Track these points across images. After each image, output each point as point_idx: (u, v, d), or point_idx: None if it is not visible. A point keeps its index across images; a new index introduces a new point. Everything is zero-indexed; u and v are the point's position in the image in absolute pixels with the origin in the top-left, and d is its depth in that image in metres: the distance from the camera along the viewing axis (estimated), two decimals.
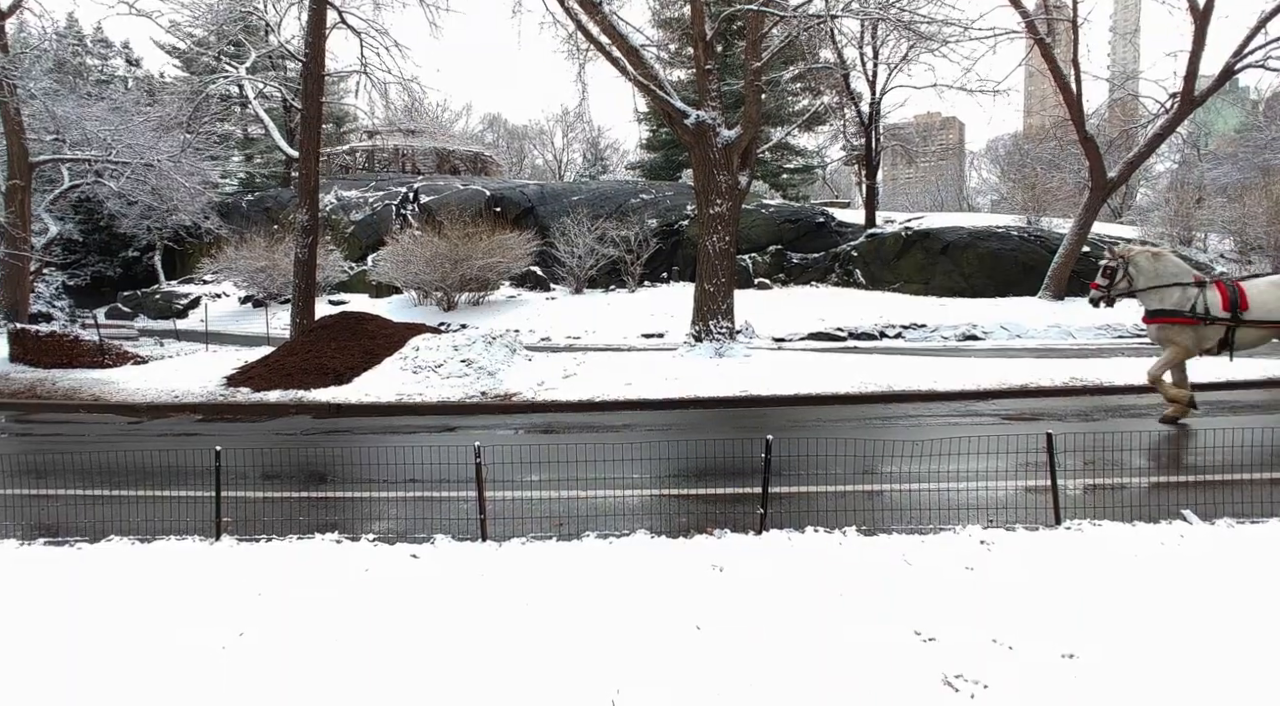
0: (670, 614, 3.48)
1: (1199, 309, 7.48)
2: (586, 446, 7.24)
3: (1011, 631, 3.21)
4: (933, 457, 6.94)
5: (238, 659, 3.15)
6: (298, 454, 7.88)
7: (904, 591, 3.66)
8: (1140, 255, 7.91)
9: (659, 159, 42.42)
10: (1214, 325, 7.45)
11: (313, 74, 15.54)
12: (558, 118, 61.06)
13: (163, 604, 3.71)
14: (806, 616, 3.43)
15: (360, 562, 4.18)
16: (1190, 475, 6.07)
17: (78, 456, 8.01)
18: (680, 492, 5.84)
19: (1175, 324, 7.59)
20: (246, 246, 24.47)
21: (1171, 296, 7.61)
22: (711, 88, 13.03)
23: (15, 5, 18.04)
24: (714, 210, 12.85)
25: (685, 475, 6.58)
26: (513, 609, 3.57)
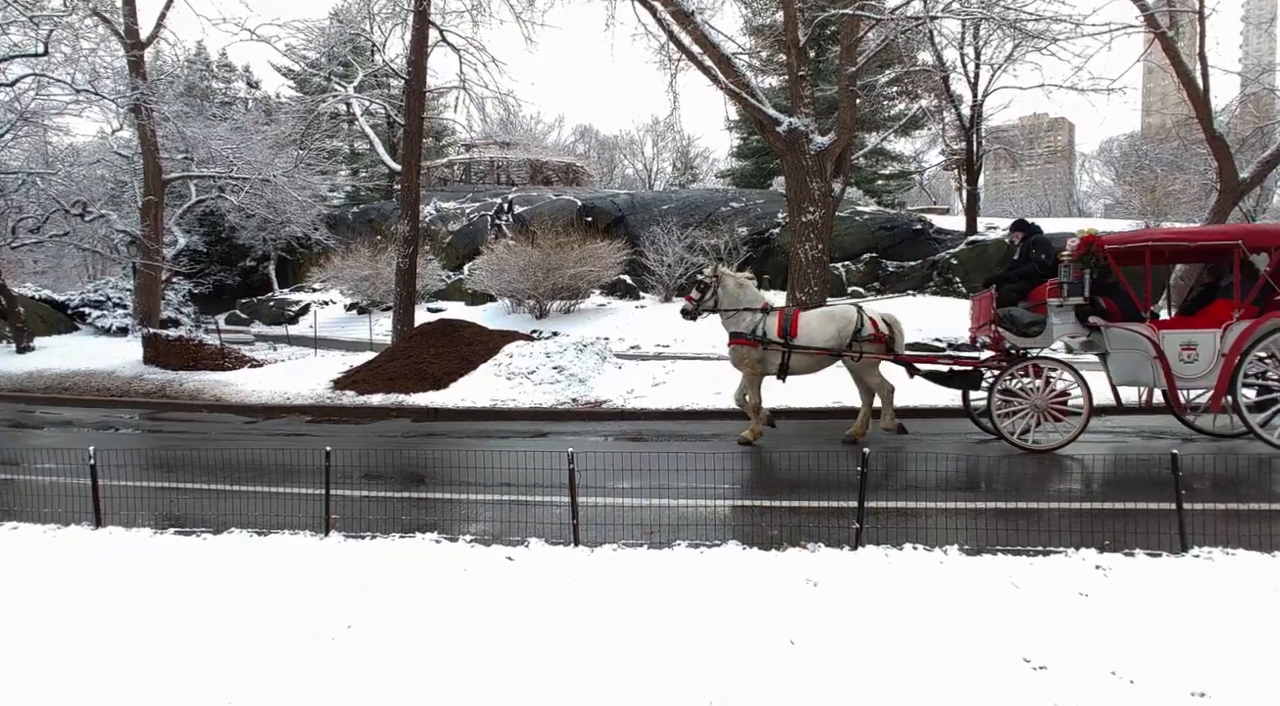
0: (763, 626, 3.42)
1: (759, 333, 8.12)
2: (676, 455, 7.22)
3: (1132, 664, 2.99)
4: (1038, 476, 6.60)
5: (346, 649, 3.29)
6: (398, 455, 8.19)
7: (1011, 615, 3.48)
8: (730, 279, 8.53)
9: (749, 167, 42.15)
10: (772, 349, 8.05)
11: (415, 91, 16.21)
12: (648, 127, 61.56)
13: (278, 594, 3.92)
14: (905, 636, 3.30)
15: (459, 562, 4.30)
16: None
17: (201, 453, 8.59)
18: (771, 504, 5.75)
19: (743, 346, 8.18)
20: (352, 256, 25.67)
21: (744, 320, 8.25)
22: (804, 94, 12.85)
23: (153, 36, 19.58)
24: (806, 218, 12.64)
25: (777, 487, 6.47)
26: (605, 614, 3.59)
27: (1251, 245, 7.13)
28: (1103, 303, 7.52)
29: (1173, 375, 7.15)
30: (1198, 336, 7.18)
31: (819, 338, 8.07)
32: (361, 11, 19.42)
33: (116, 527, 5.34)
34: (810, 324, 8.16)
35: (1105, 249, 7.34)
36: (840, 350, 8.04)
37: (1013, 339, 7.88)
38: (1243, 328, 7.03)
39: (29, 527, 5.44)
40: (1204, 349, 7.13)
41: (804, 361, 8.15)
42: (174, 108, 19.92)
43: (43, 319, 21.01)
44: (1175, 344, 7.21)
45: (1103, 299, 7.52)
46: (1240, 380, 6.97)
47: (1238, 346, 7.00)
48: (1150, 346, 7.23)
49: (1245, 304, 7.08)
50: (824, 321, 8.19)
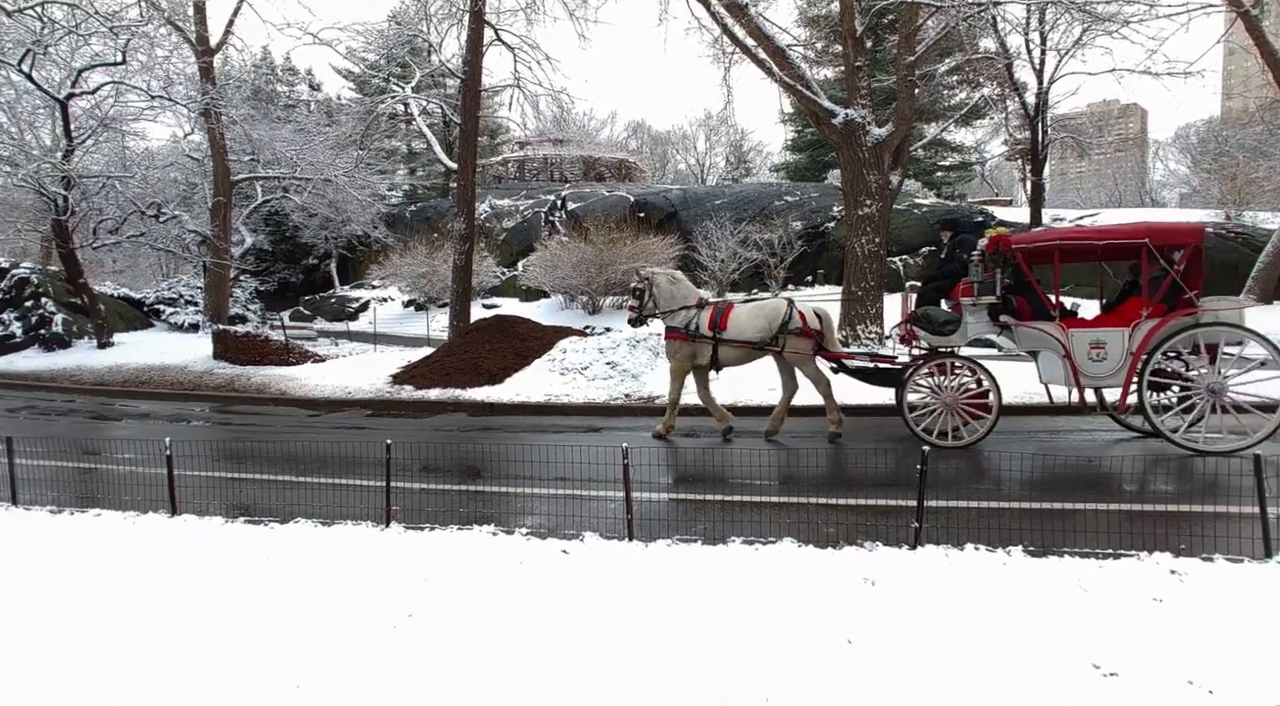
0: (819, 624, 3.38)
1: (691, 327, 8.30)
2: (729, 451, 7.19)
3: (1211, 673, 2.87)
4: (1109, 476, 6.37)
5: (406, 637, 3.37)
6: (455, 449, 8.34)
7: (1079, 619, 3.36)
8: (661, 277, 8.69)
9: (804, 160, 41.64)
10: (703, 342, 8.26)
11: (470, 90, 16.44)
12: (700, 122, 61.40)
13: (342, 582, 4.03)
14: (967, 637, 3.22)
15: (515, 555, 4.36)
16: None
17: (268, 445, 8.89)
18: (827, 502, 5.67)
19: (675, 340, 8.41)
20: (409, 254, 26.21)
21: (679, 317, 8.42)
22: (861, 85, 12.62)
23: (222, 42, 20.29)
24: (863, 211, 12.42)
25: (833, 484, 6.39)
26: (660, 609, 3.59)
27: (1159, 243, 7.11)
28: (1015, 302, 7.56)
29: (1079, 373, 7.20)
30: (1106, 335, 7.21)
31: (748, 330, 8.21)
32: (419, 13, 19.79)
33: (190, 515, 5.57)
34: (740, 318, 8.29)
35: (1013, 249, 7.41)
36: (765, 343, 8.16)
37: (928, 338, 7.94)
38: (1150, 326, 7.04)
39: (111, 514, 5.72)
40: (1112, 347, 7.15)
41: (732, 353, 8.32)
42: (241, 111, 20.61)
43: (121, 316, 21.99)
44: (1084, 343, 7.24)
45: (1016, 298, 7.56)
46: (1146, 379, 6.97)
47: (1143, 345, 7.02)
48: (1058, 345, 7.29)
49: (1154, 302, 7.09)
50: (752, 315, 8.29)
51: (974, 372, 7.54)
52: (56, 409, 13.21)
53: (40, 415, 12.45)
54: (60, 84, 17.48)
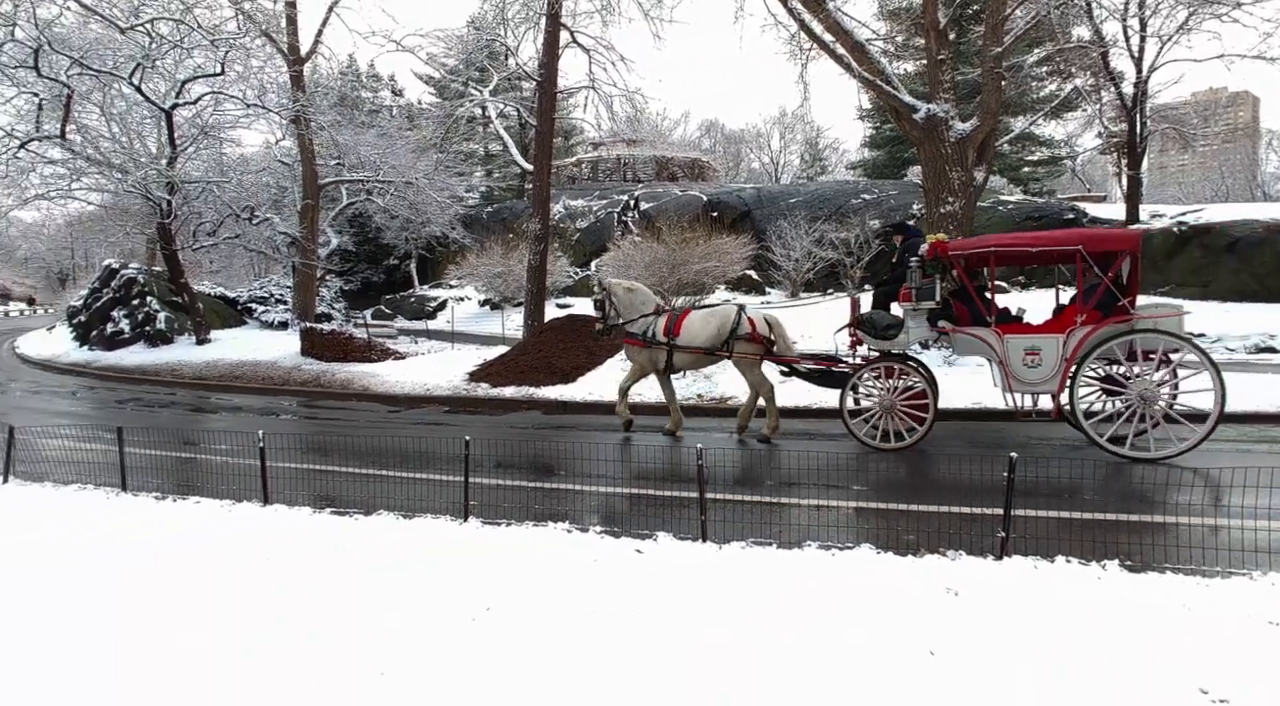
0: (900, 634, 3.28)
1: (648, 334, 8.70)
2: (804, 454, 7.06)
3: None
4: (1214, 489, 5.98)
5: (485, 629, 3.42)
6: (530, 446, 8.47)
7: (1182, 640, 3.16)
8: (618, 287, 9.08)
9: (882, 157, 40.63)
10: (659, 348, 8.62)
11: (546, 92, 16.66)
12: (775, 120, 60.71)
13: (423, 574, 4.13)
14: (1058, 654, 3.07)
15: (589, 553, 4.38)
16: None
17: (351, 439, 9.22)
18: (906, 508, 5.51)
19: (634, 345, 8.84)
20: (486, 254, 26.75)
21: (637, 324, 8.84)
22: (944, 78, 12.22)
23: (312, 51, 21.15)
24: (945, 209, 12.04)
25: (911, 489, 6.20)
26: (733, 612, 3.55)
27: (1091, 250, 7.08)
28: (954, 307, 7.63)
29: (1011, 379, 7.24)
30: (1042, 341, 7.20)
31: (699, 336, 8.49)
32: (497, 17, 20.12)
33: (281, 505, 5.82)
34: (692, 324, 8.56)
35: (950, 255, 7.49)
36: (715, 348, 8.41)
37: (870, 342, 8.06)
38: (1083, 333, 7.03)
39: (209, 502, 6.02)
40: (1047, 354, 7.16)
41: (686, 358, 8.65)
42: (328, 117, 21.44)
43: (217, 314, 23.18)
44: (1019, 348, 7.25)
45: (955, 303, 7.63)
46: (1079, 385, 7.02)
47: (1075, 352, 7.02)
48: (991, 351, 7.35)
49: (1087, 309, 7.09)
50: (704, 321, 8.55)
51: (915, 377, 7.61)
52: (159, 401, 14.02)
53: (145, 407, 13.24)
54: (165, 95, 18.55)
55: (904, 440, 7.52)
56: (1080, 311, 7.14)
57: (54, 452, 7.76)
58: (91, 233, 31.10)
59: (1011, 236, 8.21)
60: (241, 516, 5.59)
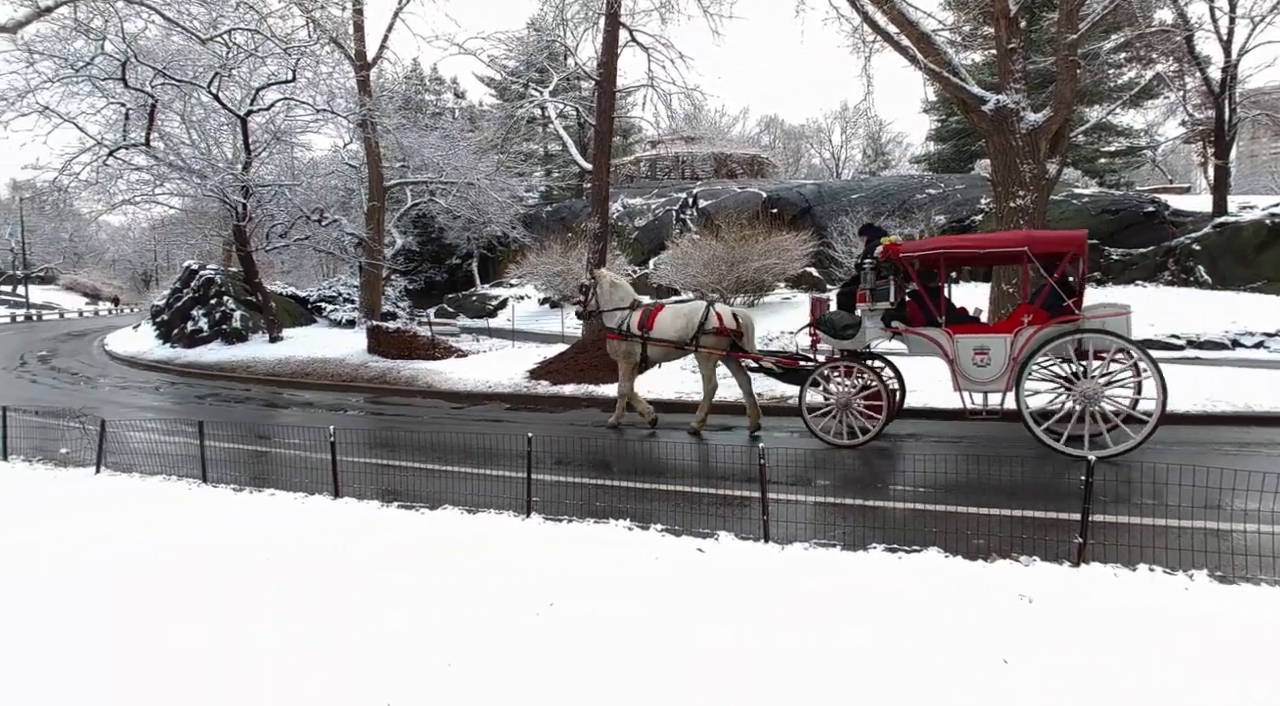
0: (972, 641, 3.18)
1: (624, 328, 9.12)
2: (870, 454, 6.94)
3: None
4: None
5: (549, 624, 3.45)
6: (590, 444, 8.51)
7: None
8: (605, 280, 9.56)
9: (948, 150, 39.59)
10: (633, 340, 9.03)
11: (605, 91, 16.73)
12: (836, 114, 59.71)
13: (488, 569, 4.19)
14: (1140, 665, 2.93)
15: (650, 551, 4.38)
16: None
17: (416, 435, 9.42)
18: (976, 511, 5.34)
19: (614, 339, 9.30)
20: (545, 253, 27.04)
21: (615, 318, 9.28)
22: (1014, 68, 11.81)
23: (378, 57, 21.71)
24: (1015, 203, 11.64)
25: (981, 492, 6.00)
26: (797, 614, 3.50)
27: (1037, 251, 7.21)
28: (908, 308, 7.78)
29: (961, 378, 7.36)
30: (990, 341, 7.33)
31: (669, 331, 8.90)
32: (556, 18, 20.31)
33: (351, 499, 5.99)
34: (664, 319, 8.97)
35: (901, 257, 7.62)
36: (684, 343, 8.81)
37: (828, 341, 8.26)
38: (1029, 333, 7.14)
39: (283, 494, 6.24)
40: (996, 353, 7.27)
41: (658, 351, 9.09)
42: (394, 121, 21.98)
43: (288, 313, 24.02)
44: (969, 348, 7.37)
45: (909, 304, 7.79)
46: (1024, 384, 7.04)
47: (1020, 352, 7.13)
48: (941, 351, 7.48)
49: (1034, 309, 7.20)
50: (674, 317, 8.95)
51: (872, 376, 7.77)
52: (235, 397, 14.60)
53: (223, 402, 13.80)
54: (240, 102, 19.29)
55: (857, 438, 7.66)
56: (1027, 312, 7.27)
57: (140, 445, 8.15)
58: (173, 235, 32.58)
59: (960, 239, 8.28)
60: (315, 509, 5.77)
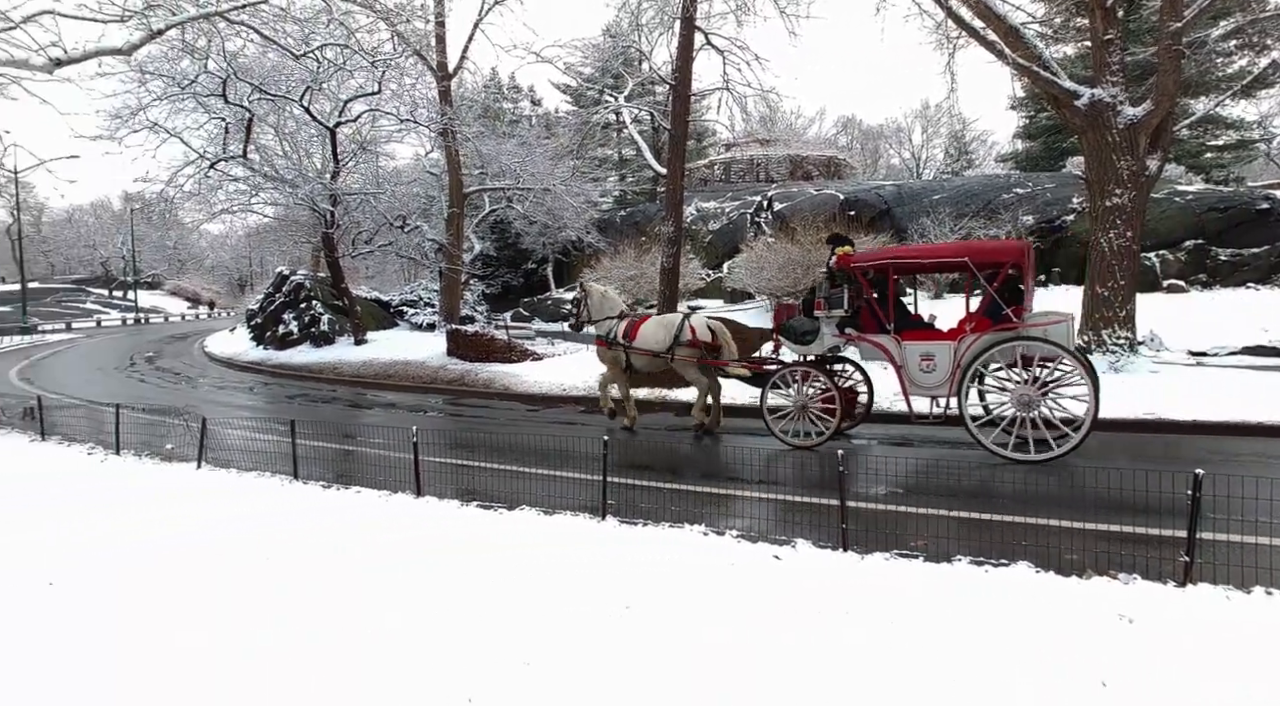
0: (1066, 662, 3.02)
1: (611, 336, 9.71)
2: (951, 463, 6.70)
3: None
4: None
5: (626, 627, 3.45)
6: (663, 447, 8.51)
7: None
8: (595, 291, 10.21)
9: (1037, 148, 37.96)
10: (619, 348, 9.61)
11: (680, 95, 16.73)
12: (917, 113, 58.06)
13: (564, 570, 4.22)
14: (1256, 696, 2.72)
15: (725, 557, 4.33)
16: None
17: (493, 436, 9.60)
18: (1068, 525, 5.08)
19: (602, 347, 9.91)
20: (619, 257, 27.19)
21: (604, 326, 9.89)
22: (1111, 60, 11.23)
23: (458, 67, 22.29)
24: (1111, 202, 11.07)
25: (1073, 506, 5.71)
26: (877, 628, 3.39)
27: (978, 262, 7.50)
28: (861, 315, 8.05)
29: (909, 383, 7.66)
30: (936, 348, 7.57)
31: (650, 341, 9.45)
32: (631, 24, 20.43)
33: (432, 497, 6.14)
34: (646, 330, 9.54)
35: (852, 266, 7.94)
36: (661, 352, 9.35)
37: (789, 347, 8.65)
38: (971, 340, 7.34)
39: (369, 492, 6.45)
40: (941, 360, 7.52)
41: (640, 360, 9.61)
42: (473, 129, 22.52)
43: (372, 316, 24.87)
44: (916, 354, 7.65)
45: (862, 311, 8.03)
46: (965, 390, 7.26)
47: (961, 358, 7.37)
48: (889, 356, 7.77)
49: (976, 317, 7.46)
50: (655, 328, 9.52)
51: (827, 380, 8.10)
52: (323, 397, 15.20)
53: (311, 402, 14.39)
54: (329, 114, 20.13)
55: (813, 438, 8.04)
56: (970, 319, 7.52)
57: (235, 442, 8.57)
58: (266, 242, 34.27)
59: (907, 249, 9.02)
60: (398, 506, 5.94)
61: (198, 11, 9.90)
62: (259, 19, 11.76)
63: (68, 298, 60.35)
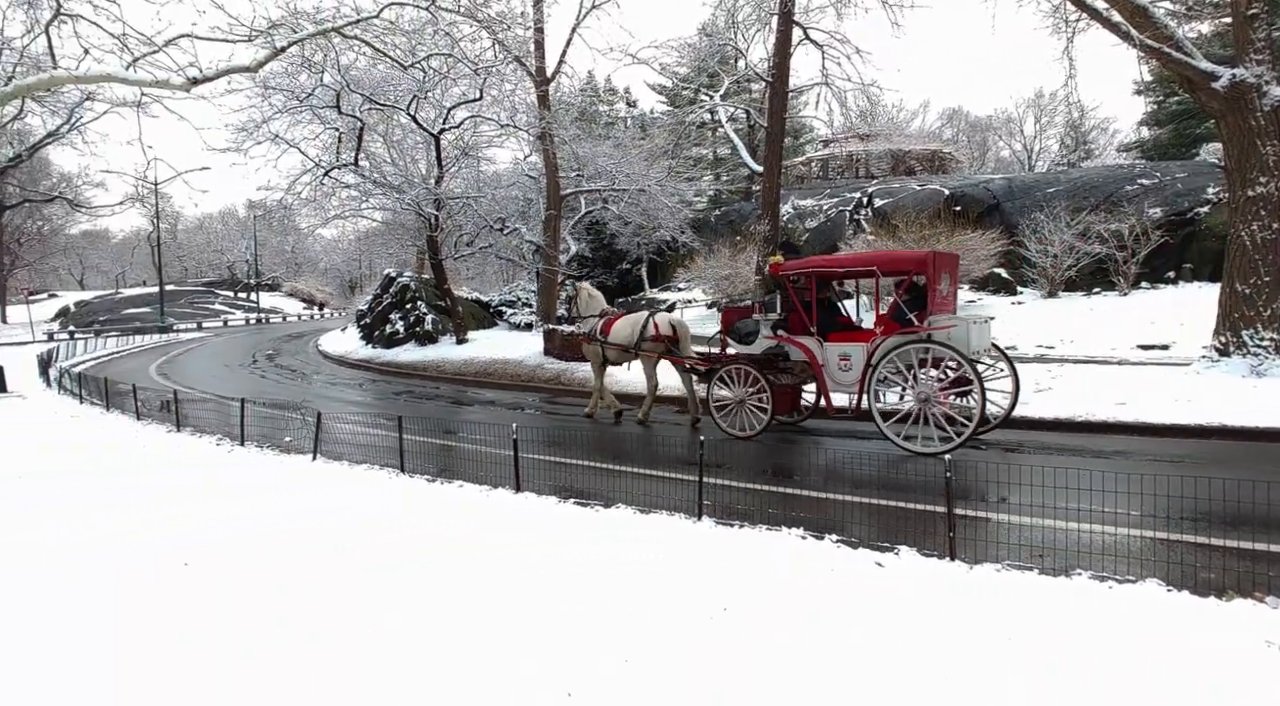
0: (1205, 694, 2.77)
1: (592, 331, 10.89)
2: (1067, 471, 6.30)
3: None
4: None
5: (722, 629, 3.40)
6: (760, 449, 8.38)
7: None
8: (584, 291, 11.41)
9: (1165, 135, 35.41)
10: (595, 343, 10.75)
11: (777, 92, 16.51)
12: (1029, 102, 55.17)
13: (663, 570, 4.21)
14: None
15: (825, 562, 4.21)
16: None
17: (589, 434, 9.71)
18: (1201, 541, 4.69)
19: (585, 342, 11.13)
20: (713, 257, 27.04)
21: (588, 324, 11.07)
22: (1256, 37, 10.32)
23: (556, 72, 22.69)
24: (1254, 191, 10.17)
25: (1207, 520, 5.27)
26: (988, 643, 3.21)
27: (885, 270, 8.39)
28: (790, 319, 8.84)
29: (829, 381, 8.47)
30: (852, 349, 8.30)
31: (619, 337, 10.50)
32: (727, 22, 20.30)
33: (530, 494, 6.25)
34: (617, 326, 10.57)
35: (779, 274, 8.84)
36: (629, 346, 10.35)
37: (735, 346, 9.49)
38: (878, 342, 8.00)
39: (470, 487, 6.63)
40: (856, 360, 8.23)
41: (612, 353, 10.69)
42: (570, 132, 22.87)
43: (473, 316, 25.64)
44: (835, 355, 8.42)
45: (792, 315, 8.81)
46: (872, 387, 7.90)
47: (869, 358, 8.03)
48: (809, 356, 8.57)
49: (885, 320, 8.10)
50: (624, 325, 10.52)
51: (761, 378, 8.72)
52: (426, 394, 15.78)
53: (415, 399, 14.97)
54: (433, 122, 20.88)
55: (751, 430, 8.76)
56: (881, 323, 8.11)
57: (346, 436, 9.00)
58: (374, 245, 35.84)
59: (825, 259, 10.08)
60: (498, 502, 6.08)
61: (316, 29, 10.45)
62: (370, 33, 12.30)
63: (198, 299, 65.15)
